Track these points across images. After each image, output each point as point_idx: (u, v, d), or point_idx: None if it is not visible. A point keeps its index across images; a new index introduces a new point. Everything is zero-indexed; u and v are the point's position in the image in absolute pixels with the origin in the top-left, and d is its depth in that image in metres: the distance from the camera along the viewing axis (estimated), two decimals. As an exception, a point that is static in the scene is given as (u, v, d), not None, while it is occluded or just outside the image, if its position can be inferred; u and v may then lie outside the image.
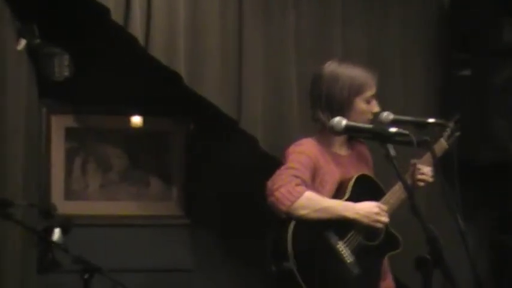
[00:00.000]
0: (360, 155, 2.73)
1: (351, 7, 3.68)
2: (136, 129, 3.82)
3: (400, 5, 3.78)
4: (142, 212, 3.81)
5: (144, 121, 3.82)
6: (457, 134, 2.76)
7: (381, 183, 2.71)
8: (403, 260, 3.51)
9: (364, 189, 2.58)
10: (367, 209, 2.50)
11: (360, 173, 2.61)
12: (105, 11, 3.05)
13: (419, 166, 2.62)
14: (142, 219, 3.79)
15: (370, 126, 2.32)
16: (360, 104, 2.56)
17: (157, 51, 3.18)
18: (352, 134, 2.54)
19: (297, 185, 2.44)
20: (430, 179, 2.65)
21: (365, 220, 2.48)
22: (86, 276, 2.44)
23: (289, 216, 2.44)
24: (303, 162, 2.50)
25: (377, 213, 2.50)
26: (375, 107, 2.60)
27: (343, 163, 2.64)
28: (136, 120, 3.81)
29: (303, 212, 2.42)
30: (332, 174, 2.57)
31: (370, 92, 2.58)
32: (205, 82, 3.32)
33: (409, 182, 2.57)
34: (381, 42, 3.76)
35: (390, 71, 3.78)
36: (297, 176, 2.45)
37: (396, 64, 3.79)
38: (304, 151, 2.55)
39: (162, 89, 3.62)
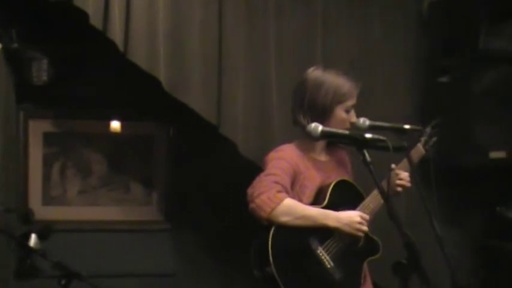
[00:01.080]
0: (339, 160, 2.74)
1: (332, 13, 3.69)
2: (117, 134, 3.80)
3: (381, 13, 3.80)
4: (122, 217, 3.80)
5: (125, 126, 3.81)
6: (435, 139, 2.78)
7: (361, 188, 2.72)
8: (381, 265, 3.54)
9: (343, 194, 2.60)
10: (348, 218, 2.51)
11: (340, 178, 2.61)
12: (84, 15, 3.04)
13: (397, 171, 2.63)
14: (122, 224, 3.78)
15: (347, 132, 2.33)
16: (340, 112, 2.58)
17: (137, 56, 3.17)
18: (328, 140, 2.55)
19: (278, 191, 2.45)
20: (408, 184, 2.66)
21: (346, 229, 2.50)
22: (63, 282, 2.42)
23: (270, 223, 2.45)
24: (283, 168, 2.51)
25: (359, 222, 2.51)
26: (353, 117, 2.63)
27: (324, 168, 2.65)
28: (117, 124, 3.80)
29: (283, 219, 2.43)
30: (312, 180, 2.58)
31: (352, 101, 2.60)
32: (185, 87, 3.31)
33: (387, 187, 2.57)
34: (362, 49, 3.78)
35: (371, 78, 3.80)
36: (277, 183, 2.46)
37: (377, 70, 3.81)
38: (283, 157, 2.56)
39: (143, 94, 3.61)
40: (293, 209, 2.45)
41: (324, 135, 2.34)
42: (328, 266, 2.48)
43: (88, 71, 3.55)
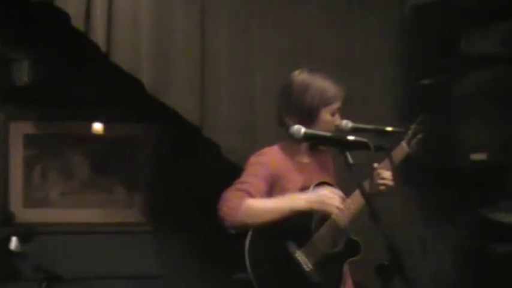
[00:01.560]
0: (322, 162, 2.74)
1: (315, 17, 3.71)
2: (100, 136, 3.79)
3: (363, 16, 3.82)
4: (105, 219, 3.79)
5: (108, 127, 3.79)
6: (420, 136, 2.76)
7: (342, 190, 2.72)
8: (363, 267, 3.55)
9: None
10: (318, 196, 2.45)
11: (320, 180, 2.62)
12: (66, 17, 3.02)
13: (379, 171, 2.63)
14: (106, 227, 3.77)
15: (329, 134, 2.33)
16: (326, 114, 2.57)
17: (120, 58, 3.16)
18: (311, 142, 2.55)
19: (238, 197, 2.43)
20: (391, 183, 2.65)
21: (317, 206, 2.43)
22: (45, 284, 2.41)
23: (238, 231, 2.44)
24: (258, 174, 2.49)
25: (329, 197, 2.45)
26: (338, 120, 2.62)
27: (307, 170, 2.64)
28: (100, 126, 3.78)
29: (248, 221, 2.42)
30: (294, 182, 2.57)
31: (337, 104, 2.60)
32: (168, 89, 3.31)
33: (369, 186, 2.58)
34: (345, 51, 3.79)
35: (354, 80, 3.81)
36: (242, 190, 2.45)
37: (360, 73, 3.83)
38: (262, 161, 2.55)
39: (127, 96, 3.60)
40: (254, 207, 2.42)
41: (307, 137, 2.33)
42: (307, 269, 2.46)
43: (70, 72, 3.54)
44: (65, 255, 3.53)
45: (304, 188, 2.56)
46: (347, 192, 2.73)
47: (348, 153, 2.21)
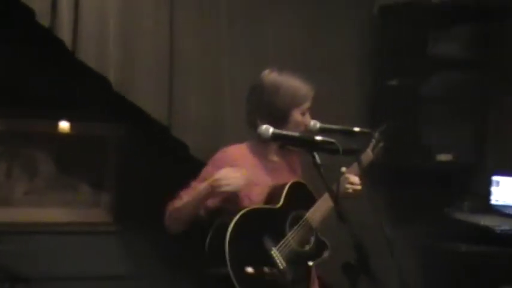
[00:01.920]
0: (290, 163, 2.76)
1: (284, 16, 3.71)
2: (65, 134, 3.75)
3: (332, 16, 3.84)
4: (70, 219, 3.75)
5: (74, 126, 3.75)
6: (382, 144, 2.81)
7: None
8: (331, 266, 3.57)
9: (298, 196, 2.61)
10: (214, 180, 2.43)
11: (294, 180, 2.63)
12: (30, 12, 2.98)
13: (347, 175, 2.66)
14: (70, 226, 3.72)
15: (297, 134, 2.34)
16: (297, 115, 2.60)
17: (86, 55, 3.12)
18: (279, 141, 2.56)
19: (168, 205, 2.53)
20: (358, 187, 2.68)
21: (216, 183, 2.42)
22: (7, 285, 2.37)
23: (172, 232, 2.53)
24: (208, 176, 2.50)
25: (217, 179, 2.43)
26: (308, 119, 2.64)
27: (274, 168, 2.66)
28: (66, 125, 3.74)
29: (175, 224, 2.53)
30: (260, 177, 2.59)
31: (307, 104, 2.62)
32: (135, 88, 3.28)
33: (336, 190, 2.60)
34: (313, 51, 3.81)
35: (321, 80, 3.81)
36: (177, 197, 2.52)
37: (327, 72, 3.84)
38: (220, 159, 2.58)
39: (93, 94, 3.56)
40: (172, 209, 2.52)
41: (275, 137, 2.35)
42: (281, 267, 2.49)
43: (36, 70, 3.48)
44: (29, 256, 3.47)
45: (274, 186, 2.58)
46: (315, 193, 2.75)
47: (315, 154, 2.22)
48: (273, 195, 2.58)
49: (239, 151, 2.62)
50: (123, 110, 3.48)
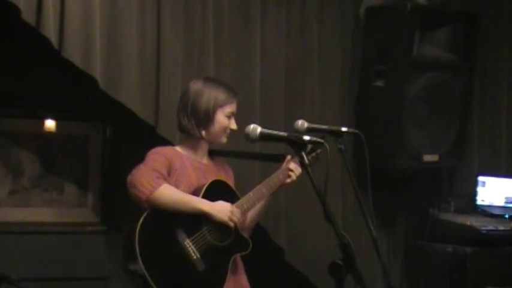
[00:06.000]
0: (219, 167, 2.85)
1: (270, 18, 3.72)
2: (51, 133, 3.72)
3: (318, 17, 3.85)
4: (56, 218, 3.72)
5: (59, 125, 3.72)
6: (319, 151, 2.79)
7: (236, 190, 2.80)
8: (317, 266, 3.57)
9: (217, 192, 2.70)
10: (221, 206, 2.64)
11: (215, 178, 2.73)
12: (16, 10, 2.95)
13: (290, 164, 2.75)
14: (56, 227, 3.69)
15: (285, 133, 2.34)
16: (221, 116, 2.72)
17: (72, 53, 3.10)
18: (267, 141, 2.57)
19: (157, 177, 2.59)
20: (294, 178, 2.75)
21: (219, 215, 2.62)
22: (-9, 286, 2.34)
23: (149, 206, 2.56)
24: (159, 160, 2.66)
25: (231, 212, 2.64)
26: (233, 125, 2.75)
27: (202, 169, 2.76)
28: (51, 124, 3.71)
29: (161, 200, 2.56)
30: (187, 177, 2.69)
31: (231, 108, 2.75)
32: (121, 87, 3.27)
33: (280, 177, 2.74)
34: (300, 52, 3.82)
35: (308, 81, 3.84)
36: (155, 170, 2.61)
37: (314, 74, 3.86)
38: (160, 152, 2.70)
39: (78, 93, 3.54)
40: (172, 192, 2.59)
41: (263, 137, 2.36)
42: (194, 258, 2.57)
43: (20, 68, 3.46)
44: (14, 256, 3.46)
45: (198, 186, 2.69)
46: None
47: (303, 154, 2.23)
48: (195, 192, 2.69)
49: (172, 150, 2.75)
50: (109, 108, 3.47)
